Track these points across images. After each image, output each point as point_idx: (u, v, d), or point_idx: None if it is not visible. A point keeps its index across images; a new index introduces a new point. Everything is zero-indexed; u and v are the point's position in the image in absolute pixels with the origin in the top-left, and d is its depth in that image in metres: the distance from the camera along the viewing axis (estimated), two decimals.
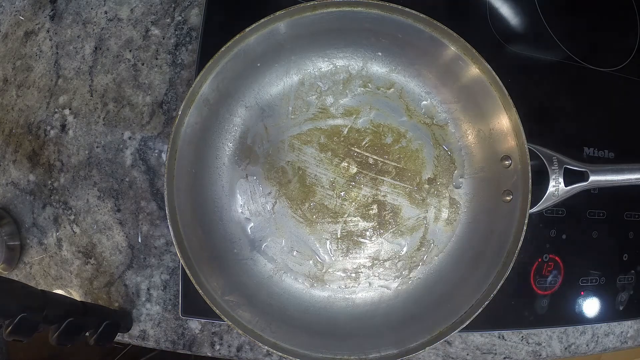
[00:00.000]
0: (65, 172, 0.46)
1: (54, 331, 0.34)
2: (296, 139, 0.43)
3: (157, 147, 0.45)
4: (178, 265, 0.44)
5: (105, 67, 0.47)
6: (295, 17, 0.38)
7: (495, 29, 0.49)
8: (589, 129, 0.49)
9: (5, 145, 0.48)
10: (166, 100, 0.46)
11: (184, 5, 0.47)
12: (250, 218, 0.43)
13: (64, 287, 0.46)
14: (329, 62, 0.43)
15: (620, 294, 0.48)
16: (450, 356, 0.45)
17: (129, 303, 0.45)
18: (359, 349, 0.37)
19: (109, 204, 0.45)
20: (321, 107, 0.43)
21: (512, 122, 0.37)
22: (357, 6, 0.37)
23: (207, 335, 0.44)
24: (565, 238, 0.47)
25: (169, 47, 0.46)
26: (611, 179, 0.41)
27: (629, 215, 0.49)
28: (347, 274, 0.43)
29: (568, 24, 0.52)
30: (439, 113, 0.44)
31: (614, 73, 0.52)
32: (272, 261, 0.43)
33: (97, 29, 0.47)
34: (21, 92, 0.48)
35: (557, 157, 0.41)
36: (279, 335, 0.37)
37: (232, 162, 0.43)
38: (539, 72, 0.50)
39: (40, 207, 0.46)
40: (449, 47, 0.38)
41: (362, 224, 0.43)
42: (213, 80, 0.38)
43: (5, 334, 0.30)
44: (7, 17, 0.50)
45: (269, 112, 0.43)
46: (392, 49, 0.42)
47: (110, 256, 0.45)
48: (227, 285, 0.39)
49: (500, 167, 0.39)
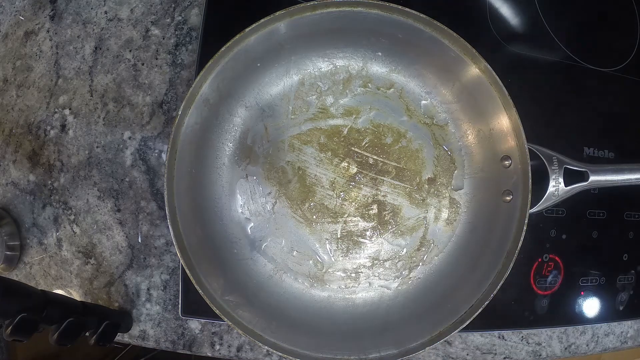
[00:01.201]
0: (65, 172, 0.46)
1: (54, 331, 0.34)
2: (296, 139, 0.43)
3: (157, 147, 0.45)
4: (178, 265, 0.44)
5: (105, 67, 0.47)
6: (295, 17, 0.38)
7: (495, 29, 0.49)
8: (589, 129, 0.49)
9: (5, 145, 0.48)
10: (166, 100, 0.46)
11: (184, 5, 0.47)
12: (250, 218, 0.43)
13: (64, 287, 0.46)
14: (329, 62, 0.43)
15: (620, 294, 0.48)
16: (450, 356, 0.45)
17: (129, 303, 0.45)
18: (359, 349, 0.37)
19: (109, 204, 0.45)
20: (321, 107, 0.43)
21: (512, 122, 0.37)
22: (357, 6, 0.37)
23: (207, 335, 0.44)
24: (565, 238, 0.47)
25: (169, 47, 0.46)
26: (611, 179, 0.41)
27: (629, 215, 0.49)
28: (347, 274, 0.43)
29: (568, 24, 0.52)
30: (439, 113, 0.44)
31: (614, 73, 0.52)
32: (272, 261, 0.43)
33: (97, 29, 0.47)
34: (21, 92, 0.48)
35: (557, 157, 0.41)
36: (279, 335, 0.37)
37: (232, 162, 0.43)
38: (539, 72, 0.50)
39: (40, 207, 0.46)
40: (449, 47, 0.38)
41: (362, 224, 0.43)
42: (213, 80, 0.38)
43: (5, 334, 0.30)
44: (7, 17, 0.50)
45: (269, 112, 0.43)
46: (392, 49, 0.42)
47: (110, 256, 0.45)
48: (227, 285, 0.39)
49: (500, 167, 0.39)
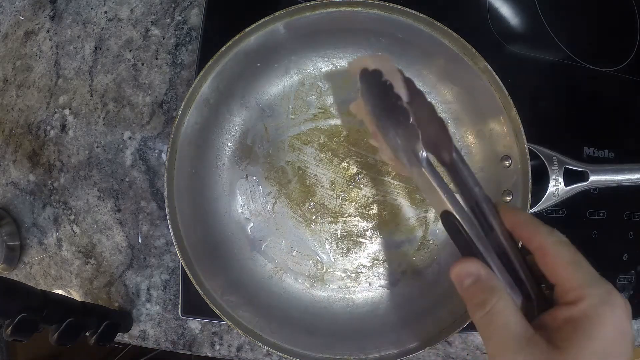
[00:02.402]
0: (65, 172, 0.46)
1: (54, 331, 0.34)
2: (296, 139, 0.43)
3: (157, 147, 0.45)
4: (178, 265, 0.44)
5: (105, 67, 0.47)
6: (295, 17, 0.38)
7: (495, 29, 0.49)
8: (589, 129, 0.49)
9: (5, 145, 0.48)
10: (166, 100, 0.46)
11: (184, 5, 0.47)
12: (250, 218, 0.43)
13: (64, 287, 0.46)
14: (329, 62, 0.43)
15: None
16: (450, 356, 0.45)
17: (129, 303, 0.45)
18: (359, 349, 0.37)
19: (109, 204, 0.45)
20: (321, 107, 0.43)
21: (512, 122, 0.37)
22: (357, 6, 0.37)
23: (207, 335, 0.44)
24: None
25: (169, 47, 0.46)
26: (611, 179, 0.41)
27: (629, 215, 0.49)
28: (347, 274, 0.43)
29: (568, 24, 0.52)
30: (439, 113, 0.44)
31: (614, 73, 0.52)
32: (272, 261, 0.43)
33: (97, 29, 0.47)
34: (21, 92, 0.48)
35: (557, 157, 0.41)
36: (279, 335, 0.37)
37: (232, 162, 0.43)
38: (539, 72, 0.50)
39: (40, 207, 0.46)
40: (449, 47, 0.38)
41: (362, 224, 0.43)
42: (213, 80, 0.38)
43: (5, 334, 0.30)
44: (7, 17, 0.50)
45: (269, 112, 0.43)
46: (392, 49, 0.42)
47: (110, 256, 0.45)
48: (227, 285, 0.39)
49: (500, 167, 0.39)
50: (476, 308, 0.24)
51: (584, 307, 0.22)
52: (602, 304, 0.22)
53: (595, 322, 0.21)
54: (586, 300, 0.22)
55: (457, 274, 0.26)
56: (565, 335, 0.22)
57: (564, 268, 0.23)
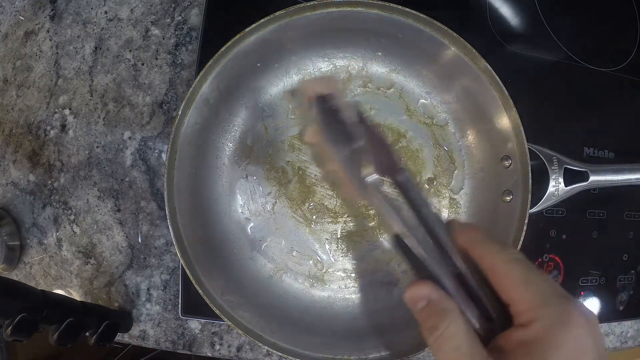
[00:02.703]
0: (65, 172, 0.46)
1: (54, 331, 0.34)
2: (296, 139, 0.43)
3: (157, 147, 0.45)
4: (178, 265, 0.44)
5: (105, 67, 0.47)
6: (295, 17, 0.38)
7: (495, 29, 0.49)
8: (589, 129, 0.49)
9: (5, 145, 0.48)
10: (166, 100, 0.46)
11: (184, 5, 0.47)
12: (250, 218, 0.43)
13: (64, 287, 0.46)
14: (329, 62, 0.43)
15: (620, 294, 0.48)
16: None
17: (129, 303, 0.45)
18: (359, 349, 0.37)
19: (109, 204, 0.45)
20: None
21: (512, 122, 0.37)
22: (357, 6, 0.37)
23: (207, 335, 0.44)
24: (565, 238, 0.47)
25: (169, 47, 0.46)
26: (611, 179, 0.41)
27: (629, 215, 0.49)
28: (347, 274, 0.43)
29: (568, 24, 0.52)
30: (439, 113, 0.44)
31: (614, 73, 0.52)
32: (272, 261, 0.43)
33: (97, 29, 0.47)
34: (21, 92, 0.48)
35: (557, 157, 0.41)
36: (279, 335, 0.37)
37: (232, 162, 0.43)
38: (539, 72, 0.50)
39: (40, 207, 0.46)
40: (449, 47, 0.38)
41: (362, 224, 0.43)
42: (213, 80, 0.38)
43: (5, 334, 0.30)
44: (7, 17, 0.50)
45: (269, 112, 0.43)
46: (392, 49, 0.42)
47: (110, 256, 0.45)
48: (227, 285, 0.39)
49: (500, 167, 0.39)
50: (428, 332, 0.23)
51: (536, 329, 0.21)
52: (557, 324, 0.20)
53: (548, 346, 0.20)
54: (538, 322, 0.21)
55: (410, 298, 0.25)
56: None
57: (515, 288, 0.22)
